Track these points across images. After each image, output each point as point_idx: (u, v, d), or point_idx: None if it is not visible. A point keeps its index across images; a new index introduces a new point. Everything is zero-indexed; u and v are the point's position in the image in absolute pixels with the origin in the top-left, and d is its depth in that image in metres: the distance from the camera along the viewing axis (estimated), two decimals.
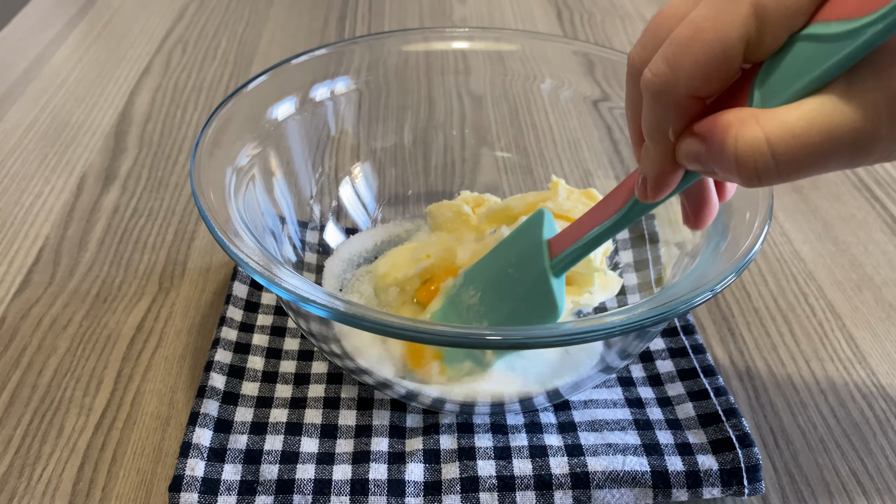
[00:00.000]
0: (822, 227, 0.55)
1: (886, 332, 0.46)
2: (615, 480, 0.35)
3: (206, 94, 0.70)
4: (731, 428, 0.37)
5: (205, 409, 0.38)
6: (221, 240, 0.33)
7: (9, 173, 0.59)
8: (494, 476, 0.36)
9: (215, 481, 0.35)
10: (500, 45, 0.50)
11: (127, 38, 0.81)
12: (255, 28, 0.83)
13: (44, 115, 0.67)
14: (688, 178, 0.27)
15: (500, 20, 0.85)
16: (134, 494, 0.37)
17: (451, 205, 0.46)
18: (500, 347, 0.38)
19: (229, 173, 0.39)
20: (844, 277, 0.50)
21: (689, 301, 0.31)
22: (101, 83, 0.72)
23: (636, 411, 0.40)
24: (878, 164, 0.22)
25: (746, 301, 0.48)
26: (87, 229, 0.53)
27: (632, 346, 0.38)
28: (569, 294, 0.39)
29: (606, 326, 0.30)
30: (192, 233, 0.53)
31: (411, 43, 0.50)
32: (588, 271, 0.40)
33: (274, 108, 0.44)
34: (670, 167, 0.27)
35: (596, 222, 0.32)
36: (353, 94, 0.49)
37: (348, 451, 0.37)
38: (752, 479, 0.35)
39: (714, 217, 0.31)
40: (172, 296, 0.48)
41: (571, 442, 0.37)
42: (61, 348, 0.44)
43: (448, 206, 0.46)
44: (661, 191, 0.28)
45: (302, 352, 0.43)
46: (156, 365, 0.43)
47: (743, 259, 0.33)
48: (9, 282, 0.49)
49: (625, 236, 0.48)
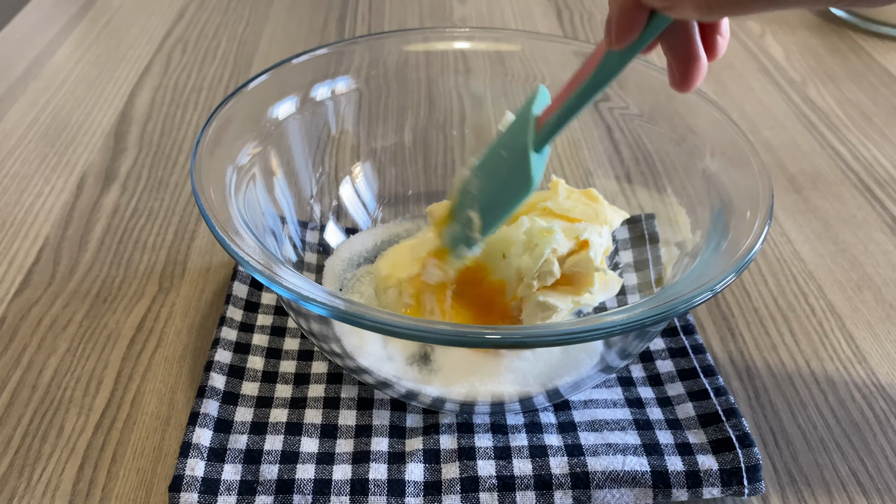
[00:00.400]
0: (822, 227, 0.55)
1: (886, 332, 0.46)
2: (615, 480, 0.35)
3: (206, 94, 0.70)
4: (731, 428, 0.37)
5: (205, 409, 0.38)
6: (222, 238, 0.33)
7: (9, 173, 0.59)
8: (494, 476, 0.36)
9: (215, 481, 0.35)
10: (500, 45, 0.50)
11: (127, 38, 0.81)
12: (255, 28, 0.83)
13: (44, 115, 0.67)
14: (654, 23, 0.27)
15: (500, 20, 0.85)
16: (134, 494, 0.36)
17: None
18: (500, 346, 0.38)
19: (230, 172, 0.39)
20: (844, 277, 0.50)
21: (689, 301, 0.31)
22: (101, 83, 0.72)
23: (636, 411, 0.40)
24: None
25: (746, 301, 0.48)
26: (87, 229, 0.53)
27: (632, 346, 0.38)
28: (569, 294, 0.39)
29: (606, 326, 0.30)
30: (192, 233, 0.53)
31: (411, 43, 0.50)
32: (588, 271, 0.40)
33: (274, 108, 0.44)
34: (633, 4, 0.26)
35: (573, 88, 0.31)
36: (353, 94, 0.49)
37: (348, 451, 0.37)
38: (752, 479, 0.35)
39: (702, 78, 0.29)
40: (172, 296, 0.48)
41: (571, 442, 0.37)
42: (61, 348, 0.44)
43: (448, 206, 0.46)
44: (624, 32, 0.27)
45: (302, 352, 0.43)
46: (156, 365, 0.43)
47: (743, 259, 0.33)
48: (9, 282, 0.49)
49: (625, 236, 0.48)
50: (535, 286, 0.38)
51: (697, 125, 0.43)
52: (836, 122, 0.67)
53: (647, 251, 0.46)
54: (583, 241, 0.39)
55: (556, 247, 0.38)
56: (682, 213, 0.43)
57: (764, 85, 0.73)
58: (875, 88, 0.72)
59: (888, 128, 0.66)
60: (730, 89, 0.72)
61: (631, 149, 0.48)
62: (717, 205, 0.39)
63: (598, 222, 0.41)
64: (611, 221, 0.42)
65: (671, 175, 0.45)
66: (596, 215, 0.41)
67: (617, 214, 0.42)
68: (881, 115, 0.68)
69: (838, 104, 0.70)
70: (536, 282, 0.38)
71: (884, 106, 0.70)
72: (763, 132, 0.65)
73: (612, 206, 0.43)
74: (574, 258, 0.39)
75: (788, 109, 0.69)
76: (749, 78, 0.74)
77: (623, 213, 0.43)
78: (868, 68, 0.76)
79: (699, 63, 0.29)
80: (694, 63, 0.29)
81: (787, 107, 0.69)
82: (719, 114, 0.42)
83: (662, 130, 0.45)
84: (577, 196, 0.43)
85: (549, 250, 0.38)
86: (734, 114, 0.68)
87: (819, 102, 0.70)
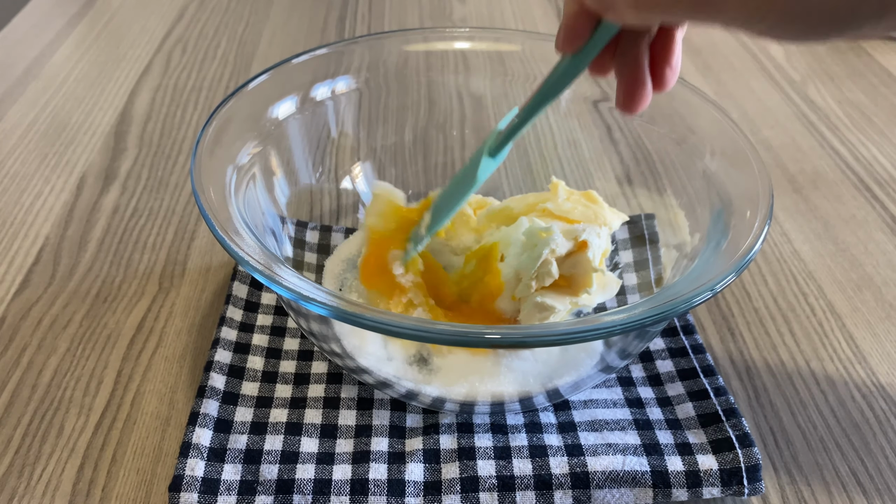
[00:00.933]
0: (822, 227, 0.55)
1: (886, 332, 0.46)
2: (615, 480, 0.35)
3: (206, 94, 0.70)
4: (731, 428, 0.37)
5: (205, 409, 0.38)
6: (222, 238, 0.33)
7: (9, 173, 0.59)
8: (494, 476, 0.36)
9: (215, 481, 0.35)
10: (500, 45, 0.50)
11: (127, 38, 0.81)
12: (255, 28, 0.83)
13: (44, 115, 0.67)
14: (601, 31, 0.28)
15: (500, 20, 0.85)
16: (134, 494, 0.36)
17: None
18: (500, 346, 0.38)
19: (230, 172, 0.39)
20: (844, 277, 0.50)
21: (689, 300, 0.31)
22: (101, 83, 0.72)
23: (636, 411, 0.40)
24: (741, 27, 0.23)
25: (746, 301, 0.48)
26: (87, 229, 0.53)
27: (632, 346, 0.38)
28: (567, 295, 0.39)
29: (606, 326, 0.30)
30: (192, 233, 0.53)
31: (411, 43, 0.50)
32: (586, 272, 0.40)
33: (274, 108, 0.44)
34: (577, 9, 0.28)
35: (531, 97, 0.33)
36: (353, 94, 0.49)
37: (348, 451, 0.37)
38: (752, 478, 0.35)
39: (645, 104, 0.31)
40: (172, 296, 0.48)
41: (571, 442, 0.37)
42: (61, 348, 0.44)
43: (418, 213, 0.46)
44: (570, 37, 0.29)
45: (302, 352, 0.43)
46: (156, 365, 0.43)
47: (743, 259, 0.33)
48: (9, 282, 0.49)
49: (624, 236, 0.48)
50: (534, 286, 0.38)
51: (697, 125, 0.43)
52: (836, 122, 0.67)
53: (646, 251, 0.46)
54: (581, 241, 0.39)
55: (555, 247, 0.38)
56: (682, 215, 0.43)
57: (764, 85, 0.73)
58: (875, 88, 0.72)
59: (888, 128, 0.66)
60: (730, 89, 0.72)
61: (631, 149, 0.48)
62: (717, 205, 0.39)
63: (597, 224, 0.41)
64: (610, 223, 0.42)
65: (671, 175, 0.45)
66: (595, 217, 0.41)
67: (616, 216, 0.43)
68: (881, 115, 0.68)
69: (838, 104, 0.70)
70: (535, 282, 0.38)
71: (884, 106, 0.70)
72: (763, 132, 0.65)
73: (612, 209, 0.43)
74: (572, 259, 0.39)
75: (788, 109, 0.69)
76: (749, 78, 0.74)
77: (622, 216, 0.43)
78: (868, 68, 0.76)
79: (644, 89, 0.31)
80: (639, 88, 0.31)
81: (787, 107, 0.69)
82: (719, 114, 0.42)
83: (662, 130, 0.45)
84: (577, 198, 0.43)
85: (548, 251, 0.38)
86: (734, 114, 0.68)
87: (819, 102, 0.70)
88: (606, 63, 0.31)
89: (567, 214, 0.41)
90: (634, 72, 0.30)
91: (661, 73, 0.31)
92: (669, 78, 0.31)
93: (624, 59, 0.30)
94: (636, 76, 0.30)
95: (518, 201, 0.44)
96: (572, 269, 0.39)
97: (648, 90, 0.31)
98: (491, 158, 0.36)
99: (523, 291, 0.39)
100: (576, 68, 0.30)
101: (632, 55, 0.30)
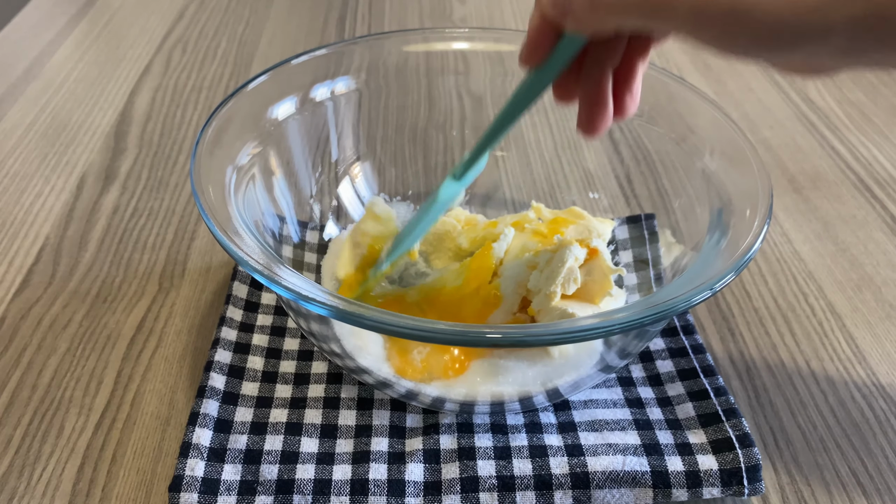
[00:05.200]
0: (822, 227, 0.55)
1: (886, 332, 0.46)
2: (615, 480, 0.35)
3: (206, 94, 0.70)
4: (731, 428, 0.37)
5: (205, 409, 0.38)
6: (221, 238, 0.33)
7: (9, 173, 0.59)
8: (494, 476, 0.36)
9: (215, 481, 0.35)
10: (500, 45, 0.50)
11: (127, 38, 0.81)
12: (255, 28, 0.83)
13: (44, 115, 0.67)
14: (564, 46, 0.28)
15: (500, 20, 0.85)
16: (134, 494, 0.36)
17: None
18: (500, 345, 0.39)
19: (229, 172, 0.39)
20: (844, 277, 0.50)
21: (689, 300, 0.31)
22: (101, 83, 0.72)
23: (636, 411, 0.39)
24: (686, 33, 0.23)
25: (746, 301, 0.48)
26: (87, 229, 0.53)
27: (631, 346, 0.38)
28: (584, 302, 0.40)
29: (606, 325, 0.30)
30: (192, 233, 0.53)
31: (411, 43, 0.50)
32: (604, 274, 0.40)
33: (274, 108, 0.44)
34: (539, 21, 0.28)
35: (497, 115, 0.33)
36: (353, 94, 0.49)
37: (348, 451, 0.37)
38: (752, 479, 0.35)
39: (606, 127, 0.32)
40: (172, 296, 0.48)
41: (571, 442, 0.37)
42: (61, 348, 0.44)
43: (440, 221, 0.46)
44: (532, 51, 0.29)
45: (302, 352, 0.43)
46: (156, 365, 0.43)
47: (742, 258, 0.33)
48: (9, 282, 0.49)
49: (625, 236, 0.48)
50: (559, 294, 0.38)
51: (697, 125, 0.43)
52: (836, 122, 0.67)
53: (646, 251, 0.46)
54: (593, 248, 0.40)
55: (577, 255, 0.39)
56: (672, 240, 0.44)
57: (764, 85, 0.73)
58: (875, 88, 0.72)
59: (888, 128, 0.66)
60: (730, 89, 0.72)
61: (631, 149, 0.48)
62: (716, 204, 0.39)
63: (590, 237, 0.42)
64: (602, 233, 0.42)
65: (671, 175, 0.45)
66: (589, 230, 0.42)
67: (604, 225, 0.43)
68: (881, 115, 0.68)
69: (838, 104, 0.70)
70: (559, 289, 0.38)
71: (884, 106, 0.70)
72: (763, 132, 0.65)
73: (597, 218, 0.44)
74: (586, 267, 0.40)
75: (788, 109, 0.69)
76: (749, 78, 0.74)
77: (609, 222, 0.44)
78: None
79: (605, 113, 0.31)
80: (601, 111, 0.31)
81: (787, 107, 0.69)
82: (719, 114, 0.42)
83: (662, 130, 0.45)
84: (564, 216, 0.44)
85: (573, 258, 0.38)
86: (734, 114, 0.68)
87: (819, 102, 0.70)
88: (571, 88, 0.32)
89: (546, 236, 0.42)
90: (597, 95, 0.31)
91: (622, 100, 0.32)
92: (629, 105, 0.32)
93: (587, 83, 0.31)
94: (598, 99, 0.31)
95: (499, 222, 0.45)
96: (586, 276, 0.40)
97: (609, 114, 0.32)
98: (455, 181, 0.36)
99: (542, 304, 0.39)
100: (540, 83, 0.31)
101: (595, 79, 0.31)
